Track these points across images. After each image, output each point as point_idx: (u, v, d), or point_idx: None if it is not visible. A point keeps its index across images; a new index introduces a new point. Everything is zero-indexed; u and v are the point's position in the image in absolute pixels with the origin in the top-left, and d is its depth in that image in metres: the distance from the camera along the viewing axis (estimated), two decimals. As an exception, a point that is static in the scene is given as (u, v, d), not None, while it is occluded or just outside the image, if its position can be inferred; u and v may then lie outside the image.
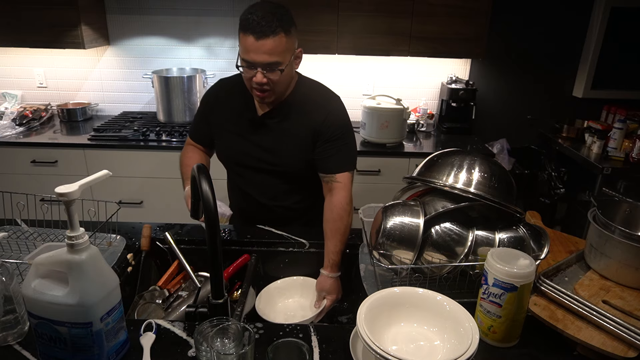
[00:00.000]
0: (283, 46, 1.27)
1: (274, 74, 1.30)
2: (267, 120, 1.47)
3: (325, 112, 1.44)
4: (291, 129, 1.46)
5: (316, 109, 1.44)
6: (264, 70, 1.29)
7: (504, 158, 2.99)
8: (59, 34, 2.71)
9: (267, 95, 1.36)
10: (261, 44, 1.24)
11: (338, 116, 1.46)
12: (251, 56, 1.27)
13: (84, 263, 0.86)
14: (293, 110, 1.45)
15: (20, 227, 1.47)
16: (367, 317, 0.91)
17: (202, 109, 1.59)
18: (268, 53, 1.26)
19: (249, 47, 1.26)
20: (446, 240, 1.14)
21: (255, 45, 1.25)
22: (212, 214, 0.94)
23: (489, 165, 1.17)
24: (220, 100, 1.54)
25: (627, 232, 1.07)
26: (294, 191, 1.57)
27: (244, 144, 1.51)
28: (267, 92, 1.34)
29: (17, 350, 0.98)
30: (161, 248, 1.45)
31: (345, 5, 2.67)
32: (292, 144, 1.46)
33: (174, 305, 1.27)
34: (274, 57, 1.27)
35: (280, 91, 1.38)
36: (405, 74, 3.17)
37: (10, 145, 2.66)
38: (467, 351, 0.83)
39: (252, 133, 1.49)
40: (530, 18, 3.05)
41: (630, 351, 0.92)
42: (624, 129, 2.77)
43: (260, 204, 1.58)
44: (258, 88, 1.33)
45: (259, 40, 1.24)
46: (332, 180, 1.44)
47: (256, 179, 1.55)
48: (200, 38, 3.08)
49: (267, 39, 1.24)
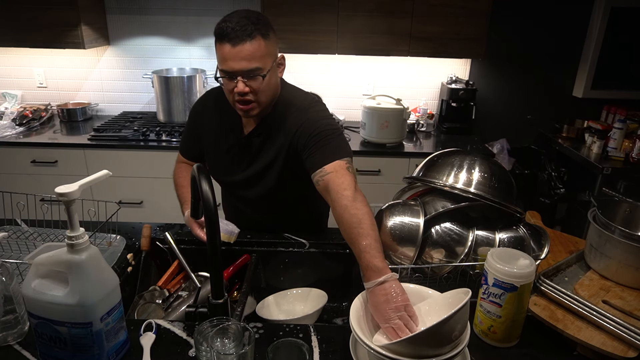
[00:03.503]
0: (262, 50, 1.19)
1: (255, 82, 1.22)
2: (253, 139, 1.38)
3: (300, 121, 1.32)
4: (275, 145, 1.36)
5: (293, 120, 1.33)
6: (245, 79, 1.21)
7: (504, 158, 2.99)
8: (59, 34, 2.71)
9: (252, 108, 1.26)
10: (238, 50, 1.17)
11: (314, 122, 1.31)
12: (229, 65, 1.19)
13: (84, 263, 0.86)
14: (275, 123, 1.36)
15: (20, 227, 1.47)
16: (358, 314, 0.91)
17: (191, 124, 1.51)
18: (247, 59, 1.18)
19: (227, 56, 1.18)
20: (446, 240, 1.14)
21: (232, 53, 1.17)
22: (212, 214, 0.94)
23: (489, 165, 1.17)
24: (209, 114, 1.46)
25: (627, 232, 1.07)
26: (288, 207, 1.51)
27: (231, 164, 1.44)
28: (250, 103, 1.25)
29: (17, 350, 0.98)
30: (161, 248, 1.45)
31: (345, 5, 2.67)
32: (278, 160, 1.37)
33: (174, 305, 1.27)
34: (253, 63, 1.19)
35: (264, 102, 1.28)
36: (405, 74, 3.17)
37: (10, 145, 2.67)
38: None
39: (239, 153, 1.42)
40: (530, 18, 3.05)
41: (630, 351, 0.92)
42: (624, 129, 2.77)
43: (255, 221, 1.52)
44: (240, 100, 1.24)
45: (236, 47, 1.17)
46: (324, 174, 1.22)
47: (248, 197, 1.47)
48: (200, 38, 3.08)
49: (244, 44, 1.17)
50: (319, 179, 1.23)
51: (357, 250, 1.04)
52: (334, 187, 1.18)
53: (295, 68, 3.12)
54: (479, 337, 1.03)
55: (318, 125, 1.30)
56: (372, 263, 0.98)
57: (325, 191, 1.22)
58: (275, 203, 1.48)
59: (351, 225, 1.08)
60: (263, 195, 1.43)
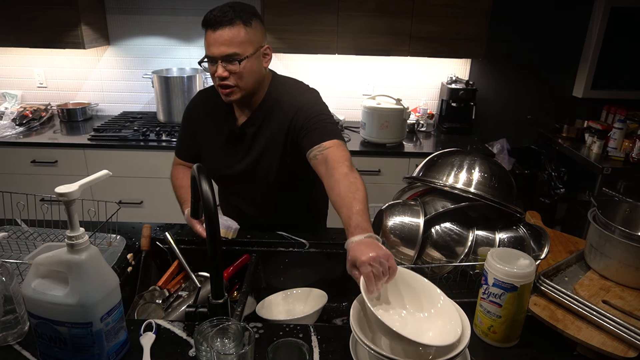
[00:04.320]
0: (242, 37, 1.26)
1: (233, 66, 1.28)
2: (247, 129, 1.43)
3: (295, 107, 1.37)
4: (269, 134, 1.41)
5: (288, 107, 1.38)
6: (224, 62, 1.27)
7: (504, 158, 2.99)
8: (59, 34, 2.71)
9: (232, 92, 1.33)
10: (218, 35, 1.25)
11: (311, 107, 1.36)
12: (211, 50, 1.27)
13: (84, 263, 0.86)
14: (268, 112, 1.41)
15: (20, 227, 1.47)
16: (359, 314, 0.91)
17: (186, 125, 1.56)
18: (225, 44, 1.25)
19: (209, 41, 1.26)
20: (446, 240, 1.14)
21: (213, 37, 1.25)
22: (212, 214, 0.94)
23: (489, 165, 1.17)
24: (202, 113, 1.51)
25: (627, 232, 1.07)
26: (286, 203, 1.53)
27: (227, 157, 1.48)
28: (230, 88, 1.32)
29: (17, 350, 0.98)
30: (161, 248, 1.45)
31: (345, 5, 2.67)
32: (273, 149, 1.41)
33: (174, 305, 1.27)
34: (232, 48, 1.26)
35: (245, 87, 1.33)
36: (405, 74, 3.17)
37: (10, 145, 2.67)
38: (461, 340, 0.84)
39: (235, 145, 1.46)
40: (530, 18, 3.05)
41: (630, 351, 0.92)
42: (624, 129, 2.77)
43: (253, 218, 1.54)
44: (221, 84, 1.31)
45: (216, 32, 1.25)
46: (322, 149, 1.26)
47: (246, 191, 1.52)
48: (200, 38, 3.04)
49: (223, 30, 1.24)
50: (317, 153, 1.27)
51: (348, 212, 1.04)
52: (334, 157, 1.22)
53: (295, 68, 3.12)
54: (479, 337, 1.03)
55: (315, 110, 1.35)
56: (363, 225, 1.00)
57: (323, 164, 1.24)
58: (273, 194, 1.50)
59: (349, 189, 1.10)
60: (261, 186, 1.47)
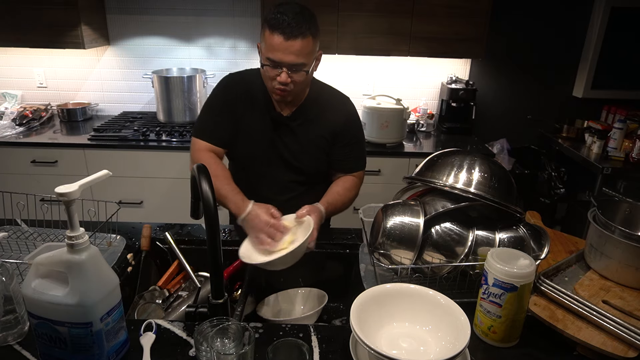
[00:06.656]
0: (310, 48, 1.31)
1: (298, 75, 1.32)
2: (291, 123, 1.49)
3: (343, 114, 1.51)
4: (312, 131, 1.49)
5: (334, 111, 1.50)
6: (289, 71, 1.30)
7: (504, 158, 2.99)
8: (59, 34, 2.71)
9: (288, 95, 1.38)
10: (290, 45, 1.26)
11: (356, 118, 1.55)
12: (278, 55, 1.28)
13: (84, 263, 0.85)
14: (312, 112, 1.49)
15: (20, 227, 1.47)
16: (360, 316, 0.91)
17: (221, 105, 1.48)
18: (295, 54, 1.28)
19: (277, 47, 1.27)
20: (446, 240, 1.14)
21: (284, 45, 1.27)
22: (212, 214, 0.94)
23: (489, 165, 1.17)
24: (243, 96, 1.48)
25: (627, 232, 1.07)
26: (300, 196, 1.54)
27: (267, 142, 1.50)
28: (287, 92, 1.36)
29: (17, 350, 0.98)
30: (161, 248, 1.45)
31: (345, 5, 2.67)
32: (313, 145, 1.50)
33: (174, 305, 1.27)
34: (300, 59, 1.29)
35: (298, 92, 1.41)
36: (405, 74, 3.17)
37: (10, 145, 2.66)
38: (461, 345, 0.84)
39: (276, 132, 1.50)
40: (530, 18, 3.05)
41: (630, 351, 0.92)
42: (624, 129, 2.77)
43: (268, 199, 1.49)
44: (280, 88, 1.34)
45: (288, 41, 1.26)
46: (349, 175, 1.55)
47: (271, 175, 1.53)
48: (200, 38, 3.08)
49: (296, 40, 1.27)
50: (342, 175, 1.55)
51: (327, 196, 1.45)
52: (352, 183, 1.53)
53: (295, 68, 3.12)
54: (479, 337, 1.03)
55: (360, 129, 1.58)
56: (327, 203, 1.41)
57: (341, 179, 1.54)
58: (296, 185, 1.56)
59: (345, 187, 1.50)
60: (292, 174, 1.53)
